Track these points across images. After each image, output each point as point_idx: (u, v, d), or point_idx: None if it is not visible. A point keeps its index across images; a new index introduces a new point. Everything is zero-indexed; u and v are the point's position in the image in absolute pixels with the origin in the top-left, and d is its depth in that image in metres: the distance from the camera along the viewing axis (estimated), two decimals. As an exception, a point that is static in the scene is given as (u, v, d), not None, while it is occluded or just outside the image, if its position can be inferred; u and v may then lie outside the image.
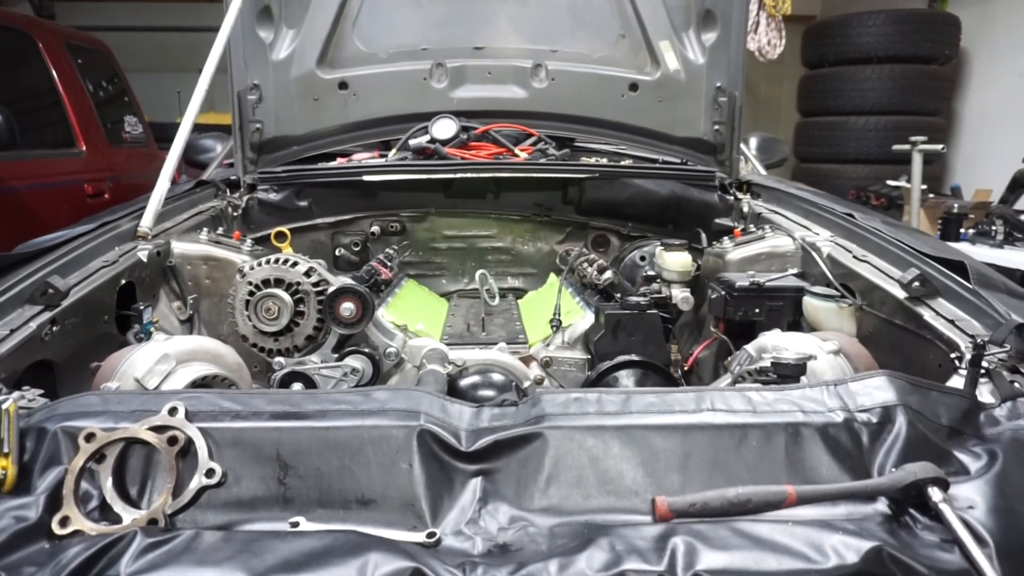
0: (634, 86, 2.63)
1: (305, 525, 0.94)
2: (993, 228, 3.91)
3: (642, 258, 2.40)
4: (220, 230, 2.17)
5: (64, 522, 0.89)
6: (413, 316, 2.02)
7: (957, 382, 1.20)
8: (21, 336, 1.33)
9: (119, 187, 4.34)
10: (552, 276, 2.50)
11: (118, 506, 0.93)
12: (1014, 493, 0.94)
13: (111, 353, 1.45)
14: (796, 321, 1.86)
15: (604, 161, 2.68)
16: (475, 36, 2.62)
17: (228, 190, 2.47)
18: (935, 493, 0.92)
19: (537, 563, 0.83)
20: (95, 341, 1.57)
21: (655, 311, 1.71)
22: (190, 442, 0.97)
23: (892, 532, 0.89)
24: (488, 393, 1.62)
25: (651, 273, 2.21)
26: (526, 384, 1.70)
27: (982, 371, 1.19)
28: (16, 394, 1.13)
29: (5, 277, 1.45)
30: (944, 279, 1.50)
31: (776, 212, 2.28)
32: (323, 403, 1.05)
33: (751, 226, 2.28)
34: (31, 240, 1.71)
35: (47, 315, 1.41)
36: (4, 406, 1.01)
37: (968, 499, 0.93)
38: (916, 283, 1.50)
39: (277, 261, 1.61)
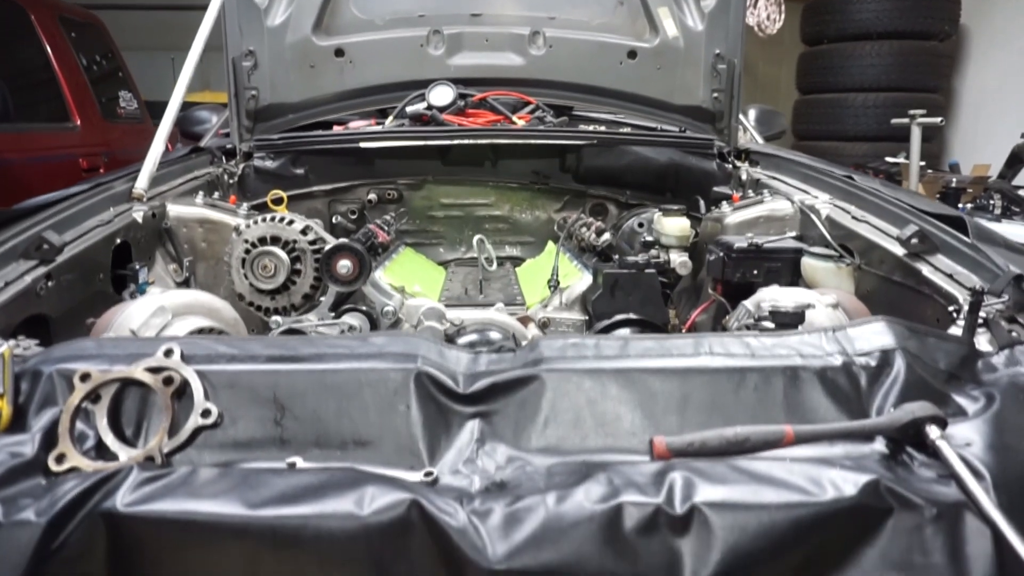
0: (632, 53, 2.61)
1: (302, 465, 0.93)
2: (991, 202, 3.91)
3: (640, 224, 2.40)
4: (216, 195, 2.16)
5: (60, 459, 0.89)
6: (410, 280, 2.01)
7: (955, 333, 1.20)
8: (15, 289, 1.32)
9: (114, 162, 4.30)
10: (550, 244, 2.49)
11: (114, 445, 0.92)
12: (1011, 432, 0.94)
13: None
14: (794, 282, 1.85)
15: (602, 129, 2.66)
16: (472, 2, 2.60)
17: (224, 158, 2.45)
18: (932, 431, 0.92)
19: (535, 495, 0.83)
20: (90, 299, 1.56)
21: (653, 271, 1.70)
22: (186, 383, 0.97)
23: (890, 468, 0.89)
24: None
25: (649, 239, 2.21)
26: (524, 343, 1.70)
27: (980, 320, 1.19)
28: (11, 342, 1.13)
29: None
30: (943, 235, 1.50)
31: (775, 178, 2.27)
32: (320, 347, 1.05)
33: (750, 192, 2.27)
34: (24, 202, 1.70)
35: (42, 270, 1.40)
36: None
37: (965, 437, 0.93)
38: (915, 239, 1.50)
39: (273, 219, 1.60)
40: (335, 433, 0.97)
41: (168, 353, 0.98)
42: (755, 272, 1.83)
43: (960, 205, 4.07)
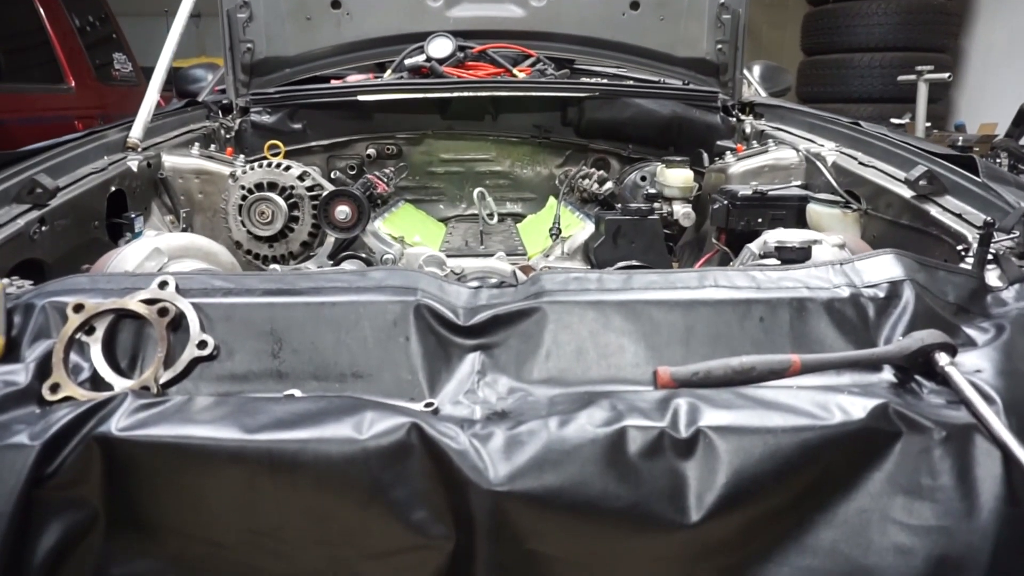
0: (635, 4, 2.55)
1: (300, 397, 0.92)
2: (997, 161, 3.86)
3: (643, 178, 2.36)
4: (212, 148, 2.13)
5: (54, 388, 0.87)
6: (410, 233, 1.99)
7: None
8: (8, 232, 1.30)
9: (110, 125, 4.25)
10: (552, 199, 2.46)
11: (109, 376, 0.91)
12: (1022, 359, 0.92)
13: (102, 257, 1.42)
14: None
15: (604, 81, 2.61)
16: None
17: (220, 113, 2.41)
18: (942, 358, 0.90)
19: (537, 420, 0.82)
20: (86, 246, 1.54)
21: (656, 217, 1.68)
22: (181, 315, 0.95)
23: (899, 395, 0.88)
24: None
25: (652, 192, 2.18)
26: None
27: (990, 256, 1.17)
28: (5, 280, 1.11)
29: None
30: (952, 175, 1.46)
31: (780, 128, 2.23)
32: (318, 281, 1.03)
33: (754, 143, 2.23)
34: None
35: (35, 213, 1.38)
36: (-10, 285, 0.99)
37: (975, 364, 0.91)
38: (923, 180, 1.47)
39: (270, 165, 1.57)
40: (333, 365, 0.95)
41: (163, 285, 0.97)
42: (759, 220, 1.80)
43: (966, 164, 4.03)
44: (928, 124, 4.43)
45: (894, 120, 5.09)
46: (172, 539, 0.81)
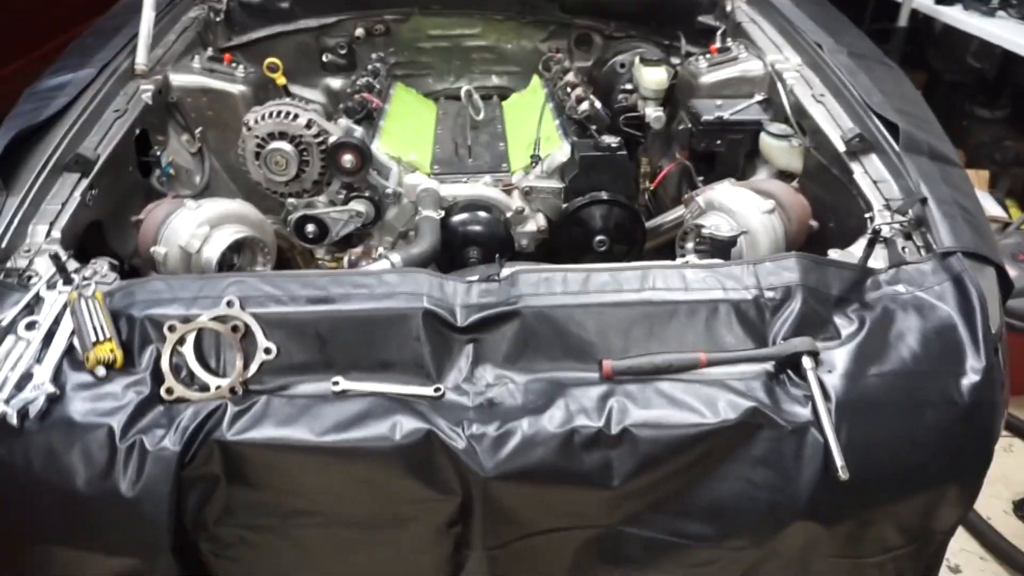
0: None
1: (344, 383, 1.27)
2: (996, -10, 3.79)
3: (622, 65, 2.49)
4: (210, 51, 2.22)
5: (170, 391, 1.22)
6: (405, 138, 2.18)
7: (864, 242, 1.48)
8: (71, 208, 1.54)
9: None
10: (535, 79, 2.58)
11: (205, 377, 1.25)
12: (865, 359, 1.27)
13: (142, 202, 1.68)
14: (754, 150, 2.07)
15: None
16: None
17: (207, -9, 2.43)
18: (807, 362, 1.25)
19: (513, 421, 1.19)
20: (127, 191, 1.78)
21: (625, 153, 1.90)
22: (248, 327, 1.27)
23: (770, 389, 1.24)
24: (476, 229, 1.88)
25: (629, 87, 2.35)
26: (508, 214, 1.96)
27: (881, 239, 1.46)
28: (89, 271, 1.40)
29: (35, 148, 1.60)
30: (880, 138, 1.68)
31: (754, 22, 2.32)
32: (345, 286, 1.33)
33: (729, 40, 2.33)
34: (35, 86, 1.81)
35: (85, 182, 1.60)
36: (89, 294, 1.29)
37: (831, 363, 1.27)
38: (855, 140, 1.69)
39: (279, 115, 1.74)
40: (366, 358, 1.29)
41: (230, 304, 1.27)
42: (718, 142, 2.04)
43: (959, -11, 3.94)
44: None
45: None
46: (268, 492, 1.22)
